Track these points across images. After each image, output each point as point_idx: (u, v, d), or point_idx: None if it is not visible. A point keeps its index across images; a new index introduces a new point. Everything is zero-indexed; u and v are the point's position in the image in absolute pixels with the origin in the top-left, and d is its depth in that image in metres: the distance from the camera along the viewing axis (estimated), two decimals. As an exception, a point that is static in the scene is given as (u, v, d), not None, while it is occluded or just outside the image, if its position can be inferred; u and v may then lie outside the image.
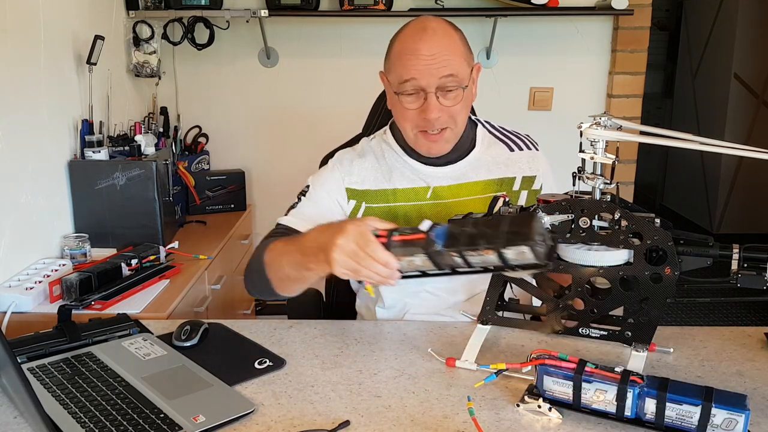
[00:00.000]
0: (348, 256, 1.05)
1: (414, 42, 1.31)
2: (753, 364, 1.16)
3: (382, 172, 1.44)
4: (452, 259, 1.00)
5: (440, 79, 1.29)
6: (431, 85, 1.30)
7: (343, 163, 1.46)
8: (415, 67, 1.29)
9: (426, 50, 1.29)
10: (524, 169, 1.46)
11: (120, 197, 1.96)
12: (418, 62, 1.29)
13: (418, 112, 1.33)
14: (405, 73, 1.30)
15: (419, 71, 1.29)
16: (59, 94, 1.95)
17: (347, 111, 2.84)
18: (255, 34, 2.80)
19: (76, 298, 1.56)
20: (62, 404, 1.01)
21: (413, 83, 1.31)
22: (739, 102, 4.43)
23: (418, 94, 1.32)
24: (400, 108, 1.35)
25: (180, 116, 2.88)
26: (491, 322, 1.18)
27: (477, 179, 1.43)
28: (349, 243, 1.04)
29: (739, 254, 0.99)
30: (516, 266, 0.98)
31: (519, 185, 1.45)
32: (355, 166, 1.44)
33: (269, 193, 3.00)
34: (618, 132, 1.03)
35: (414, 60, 1.29)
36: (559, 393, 0.98)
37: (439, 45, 1.30)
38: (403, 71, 1.31)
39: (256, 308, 2.94)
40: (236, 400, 1.02)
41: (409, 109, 1.33)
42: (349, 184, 1.43)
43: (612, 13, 2.75)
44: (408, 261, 1.02)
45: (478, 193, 1.42)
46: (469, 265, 1.01)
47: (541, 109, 2.92)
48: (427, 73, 1.29)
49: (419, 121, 1.34)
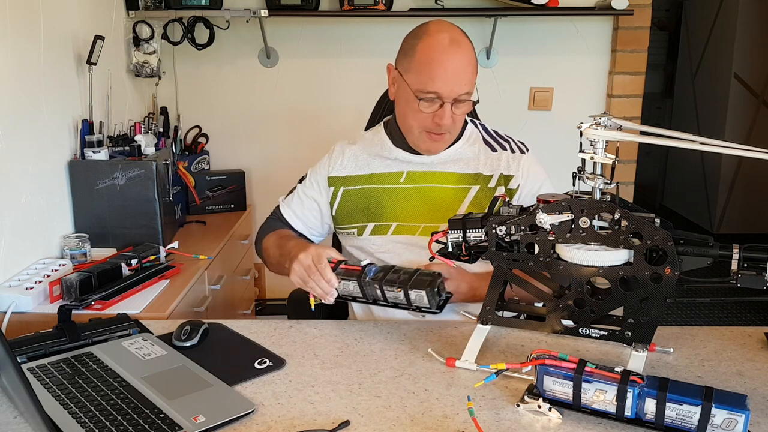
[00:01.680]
0: (303, 267, 1.29)
1: (443, 53, 1.37)
2: (753, 364, 1.16)
3: (364, 159, 1.55)
4: (375, 291, 1.25)
5: (460, 94, 1.38)
6: (450, 98, 1.38)
7: (333, 154, 1.58)
8: (443, 80, 1.36)
9: (453, 65, 1.37)
10: (502, 167, 1.50)
11: (120, 197, 1.96)
12: (446, 76, 1.36)
13: (430, 115, 1.40)
14: (430, 84, 1.37)
15: (445, 85, 1.37)
16: (59, 94, 1.95)
17: (347, 111, 2.85)
18: (255, 34, 2.80)
19: (76, 298, 1.56)
20: (62, 404, 1.01)
21: (437, 93, 1.37)
22: (739, 102, 4.43)
23: (434, 102, 1.39)
24: (412, 108, 1.42)
25: (180, 116, 2.88)
26: (491, 322, 1.18)
27: (453, 170, 1.50)
28: (307, 259, 1.29)
29: (739, 254, 0.99)
30: (415, 307, 1.23)
31: (495, 182, 1.48)
32: (342, 155, 1.56)
33: (269, 193, 2.99)
34: (618, 132, 1.03)
35: (442, 73, 1.36)
36: (559, 393, 0.98)
37: (463, 61, 1.38)
38: (429, 82, 1.37)
39: (256, 308, 2.94)
40: (236, 400, 1.02)
41: (423, 113, 1.40)
42: (332, 172, 1.56)
43: (612, 13, 2.75)
44: (344, 285, 1.27)
45: (451, 183, 1.49)
46: (385, 299, 1.25)
47: (541, 109, 2.92)
48: (450, 88, 1.37)
49: (429, 123, 1.42)
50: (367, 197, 1.52)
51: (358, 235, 1.52)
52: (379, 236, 1.50)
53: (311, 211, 1.59)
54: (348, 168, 1.55)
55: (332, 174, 1.55)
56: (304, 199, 1.59)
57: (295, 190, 1.62)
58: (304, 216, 1.59)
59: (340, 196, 1.54)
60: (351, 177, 1.54)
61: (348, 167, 1.55)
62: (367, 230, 1.51)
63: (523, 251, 1.12)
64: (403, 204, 1.49)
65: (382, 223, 1.50)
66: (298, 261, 1.29)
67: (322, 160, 1.59)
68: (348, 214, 1.53)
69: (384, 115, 1.71)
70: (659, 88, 5.60)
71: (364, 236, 1.51)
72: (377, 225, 1.50)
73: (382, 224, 1.50)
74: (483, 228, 1.16)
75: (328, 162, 1.57)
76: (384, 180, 1.51)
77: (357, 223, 1.52)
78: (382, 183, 1.51)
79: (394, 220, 1.49)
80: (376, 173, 1.52)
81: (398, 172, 1.51)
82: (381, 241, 1.50)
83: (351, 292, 1.27)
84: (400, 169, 1.51)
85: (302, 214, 1.59)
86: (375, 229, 1.50)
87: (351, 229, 1.53)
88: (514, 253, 1.13)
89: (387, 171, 1.52)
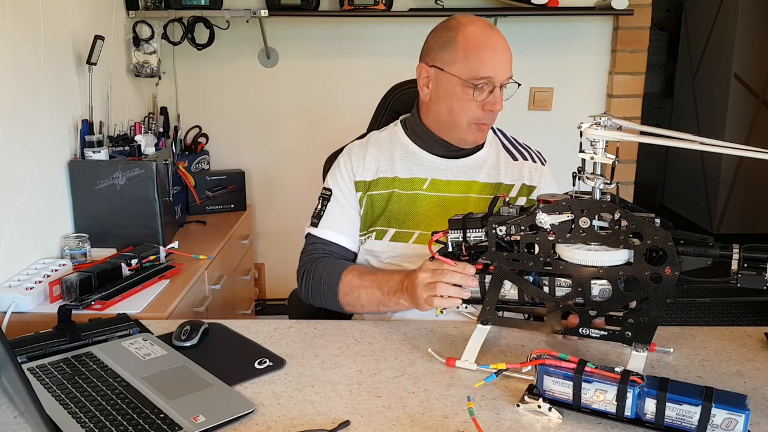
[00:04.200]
0: (429, 273, 1.21)
1: (489, 38, 1.37)
2: (753, 364, 1.16)
3: (386, 161, 1.49)
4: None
5: (508, 77, 1.38)
6: (503, 79, 1.38)
7: (351, 158, 1.50)
8: (494, 63, 1.36)
9: (500, 48, 1.37)
10: (525, 177, 1.48)
11: (120, 197, 1.96)
12: (497, 58, 1.36)
13: (480, 104, 1.38)
14: (482, 69, 1.35)
15: (498, 66, 1.36)
16: (59, 94, 1.95)
17: (347, 111, 2.85)
18: (255, 34, 2.80)
19: (76, 298, 1.56)
20: (62, 404, 1.01)
21: (489, 78, 1.36)
22: (739, 102, 4.43)
23: (486, 88, 1.37)
24: (460, 101, 1.39)
25: (180, 116, 2.88)
26: (491, 322, 1.18)
27: (476, 179, 1.47)
28: (426, 269, 1.22)
29: (739, 254, 0.99)
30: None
31: (517, 192, 1.47)
32: (363, 158, 1.49)
33: (269, 193, 3.00)
34: (618, 132, 1.03)
35: (493, 56, 1.36)
36: (559, 393, 0.98)
37: (506, 44, 1.39)
38: (480, 67, 1.35)
39: (256, 308, 2.94)
40: (236, 400, 1.02)
41: (476, 101, 1.38)
42: (357, 176, 1.48)
43: (612, 13, 2.75)
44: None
45: (474, 192, 1.46)
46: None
47: (541, 109, 2.92)
48: (502, 69, 1.37)
49: (479, 113, 1.39)
50: (388, 201, 1.46)
51: (377, 239, 1.45)
52: (401, 243, 1.44)
53: (357, 223, 1.48)
54: (371, 172, 1.48)
55: (358, 178, 1.48)
56: (346, 214, 1.48)
57: (326, 211, 1.49)
58: (353, 232, 1.48)
59: (365, 202, 1.47)
60: (375, 181, 1.47)
61: (371, 171, 1.48)
62: (387, 235, 1.45)
63: (523, 251, 1.12)
64: (426, 212, 1.44)
65: (404, 230, 1.45)
66: (418, 277, 1.21)
67: (341, 166, 1.50)
68: (370, 218, 1.47)
69: (388, 114, 1.71)
70: (659, 88, 5.60)
71: (384, 241, 1.45)
72: (398, 231, 1.45)
73: (404, 231, 1.45)
74: (483, 228, 1.16)
75: (351, 166, 1.49)
76: (407, 186, 1.46)
77: (377, 227, 1.46)
78: (405, 189, 1.46)
79: (416, 228, 1.44)
80: (399, 177, 1.47)
81: (422, 178, 1.46)
82: (402, 248, 1.44)
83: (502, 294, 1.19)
84: (424, 175, 1.46)
85: (351, 230, 1.47)
86: (396, 236, 1.45)
87: (370, 233, 1.47)
88: (514, 253, 1.13)
89: (410, 176, 1.47)
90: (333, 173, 1.52)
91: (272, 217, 3.01)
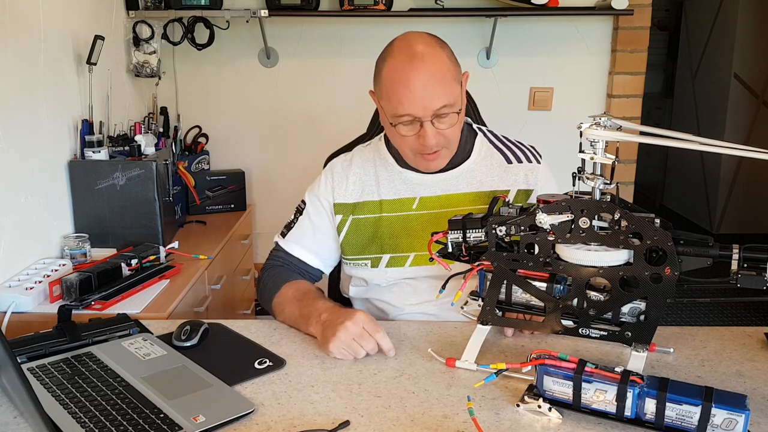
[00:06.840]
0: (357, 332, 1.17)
1: (405, 72, 1.27)
2: (753, 364, 1.16)
3: (370, 183, 1.45)
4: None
5: (436, 109, 1.28)
6: (427, 116, 1.28)
7: (333, 177, 1.47)
8: (410, 100, 1.27)
9: (418, 81, 1.26)
10: (520, 182, 1.43)
11: (120, 197, 1.96)
12: (413, 95, 1.27)
13: (415, 138, 1.32)
14: (400, 108, 1.28)
15: (414, 105, 1.27)
16: (59, 94, 1.95)
17: (347, 111, 2.85)
18: (255, 34, 2.80)
19: (76, 298, 1.56)
20: (62, 404, 1.01)
21: (409, 116, 1.29)
22: (739, 102, 4.43)
23: (413, 123, 1.30)
24: (395, 134, 1.34)
25: (180, 116, 2.88)
26: (491, 322, 1.18)
27: (468, 190, 1.42)
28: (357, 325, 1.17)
29: (739, 254, 0.99)
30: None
31: (513, 198, 1.43)
32: (345, 178, 1.45)
33: (269, 193, 3.00)
34: (618, 132, 1.03)
35: (407, 93, 1.27)
36: (559, 393, 0.98)
37: (429, 73, 1.27)
38: (398, 105, 1.29)
39: (256, 308, 2.94)
40: (236, 400, 1.02)
41: (406, 137, 1.33)
42: (337, 198, 1.45)
43: (612, 13, 2.75)
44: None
45: (466, 204, 1.40)
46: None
47: (541, 109, 2.92)
48: (421, 106, 1.27)
49: (416, 145, 1.33)
50: (377, 226, 1.42)
51: (372, 267, 1.43)
52: (398, 268, 1.41)
53: (325, 241, 1.46)
54: (355, 194, 1.44)
55: (338, 201, 1.44)
56: (314, 231, 1.46)
57: (296, 223, 1.48)
58: (318, 249, 1.46)
59: (348, 225, 1.43)
60: (359, 204, 1.43)
61: (354, 193, 1.44)
62: (382, 262, 1.42)
63: (523, 251, 1.12)
64: (418, 233, 1.40)
65: (399, 254, 1.41)
66: (345, 327, 1.16)
67: (321, 183, 1.47)
68: (359, 244, 1.43)
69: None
70: (659, 88, 5.60)
71: (380, 268, 1.42)
72: (393, 256, 1.42)
73: (399, 255, 1.41)
74: (483, 228, 1.16)
75: (331, 186, 1.45)
76: (395, 207, 1.42)
77: (371, 255, 1.43)
78: (393, 211, 1.42)
79: (411, 251, 1.41)
80: (386, 200, 1.42)
81: (410, 198, 1.42)
82: (399, 272, 1.42)
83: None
84: (412, 195, 1.42)
85: (316, 247, 1.46)
86: (391, 261, 1.41)
87: (364, 260, 1.43)
88: (514, 254, 1.13)
89: (397, 197, 1.42)
90: (312, 188, 1.50)
91: (272, 217, 3.00)
